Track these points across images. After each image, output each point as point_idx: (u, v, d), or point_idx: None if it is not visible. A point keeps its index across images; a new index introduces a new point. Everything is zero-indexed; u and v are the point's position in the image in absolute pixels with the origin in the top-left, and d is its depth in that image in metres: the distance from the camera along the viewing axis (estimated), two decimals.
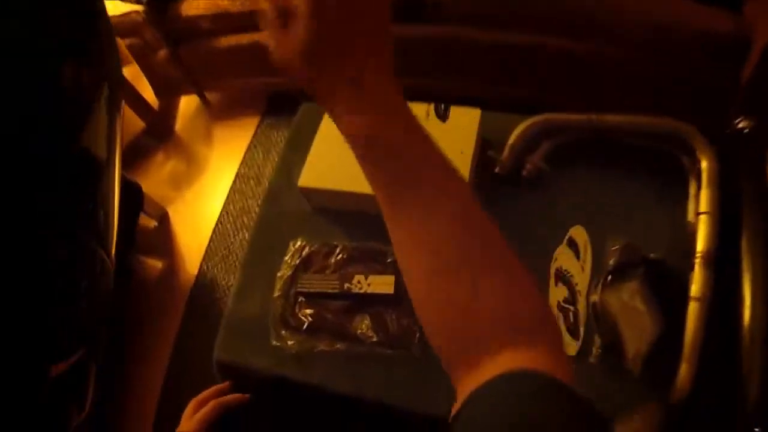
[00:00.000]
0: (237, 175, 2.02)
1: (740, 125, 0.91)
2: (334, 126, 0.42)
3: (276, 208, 1.04)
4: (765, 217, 0.83)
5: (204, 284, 1.72)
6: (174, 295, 1.70)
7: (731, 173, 0.88)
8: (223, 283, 1.70)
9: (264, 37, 0.40)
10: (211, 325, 0.95)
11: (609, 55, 1.49)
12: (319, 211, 0.99)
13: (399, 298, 0.85)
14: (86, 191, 0.50)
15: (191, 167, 2.14)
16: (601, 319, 0.77)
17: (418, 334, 0.81)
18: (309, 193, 0.97)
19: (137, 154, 2.15)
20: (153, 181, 2.04)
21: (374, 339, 0.82)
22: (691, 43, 1.41)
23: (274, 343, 0.84)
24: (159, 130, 2.23)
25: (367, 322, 0.83)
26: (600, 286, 0.78)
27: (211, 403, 0.80)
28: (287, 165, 1.06)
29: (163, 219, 1.94)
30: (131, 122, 2.19)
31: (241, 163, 2.05)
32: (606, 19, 1.46)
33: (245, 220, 1.87)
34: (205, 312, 1.64)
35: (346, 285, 0.87)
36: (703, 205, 0.83)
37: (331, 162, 0.95)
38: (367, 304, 0.85)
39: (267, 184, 1.13)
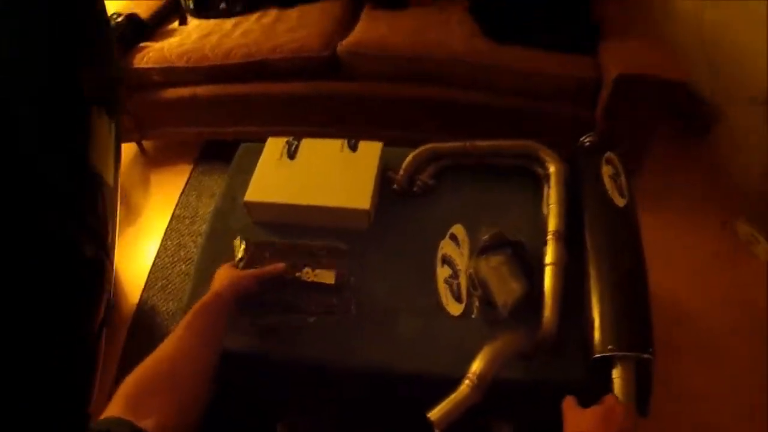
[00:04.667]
0: (173, 216, 2.16)
1: (585, 141, 1.18)
2: (270, 158, 0.97)
3: (222, 224, 1.23)
4: (600, 205, 1.06)
5: (145, 311, 1.81)
6: (116, 323, 1.77)
7: (576, 177, 1.14)
8: (164, 309, 1.81)
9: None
10: (155, 346, 1.09)
11: (488, 101, 1.86)
12: (259, 224, 1.21)
13: (339, 287, 1.03)
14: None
15: (130, 210, 2.24)
16: (475, 282, 1.00)
17: (354, 300, 1.02)
18: (252, 207, 1.19)
19: None
20: None
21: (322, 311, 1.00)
22: (555, 87, 1.79)
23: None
24: None
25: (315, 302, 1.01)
26: (474, 259, 1.03)
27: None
28: (231, 190, 1.28)
29: None
30: None
31: (177, 206, 2.20)
32: (485, 75, 1.84)
33: (182, 254, 2.00)
34: (150, 335, 1.72)
35: (297, 273, 1.04)
36: (552, 199, 1.09)
37: (269, 183, 1.19)
38: (314, 290, 1.03)
39: (214, 207, 1.29)
